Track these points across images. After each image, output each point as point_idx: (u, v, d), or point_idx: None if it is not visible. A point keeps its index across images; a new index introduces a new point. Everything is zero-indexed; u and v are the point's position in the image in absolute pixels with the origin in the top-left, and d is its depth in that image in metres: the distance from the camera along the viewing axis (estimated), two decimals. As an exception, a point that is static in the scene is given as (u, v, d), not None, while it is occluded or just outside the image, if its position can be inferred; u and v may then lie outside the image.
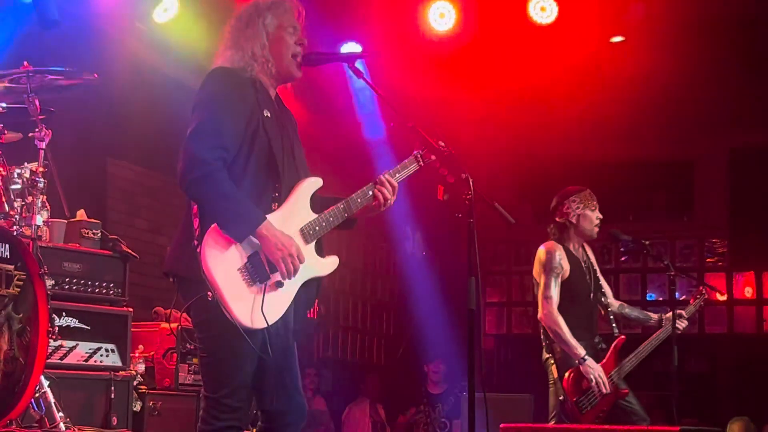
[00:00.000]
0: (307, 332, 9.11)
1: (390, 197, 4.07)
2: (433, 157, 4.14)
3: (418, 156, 4.15)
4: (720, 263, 12.14)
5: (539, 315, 6.07)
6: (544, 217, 6.46)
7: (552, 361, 6.05)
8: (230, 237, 3.68)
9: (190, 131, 3.75)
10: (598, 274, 6.35)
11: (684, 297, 6.59)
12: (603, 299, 6.31)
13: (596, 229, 6.28)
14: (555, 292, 6.05)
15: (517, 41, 9.02)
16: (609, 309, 6.31)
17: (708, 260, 12.17)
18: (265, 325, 3.71)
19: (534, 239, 6.43)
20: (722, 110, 11.01)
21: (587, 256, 6.34)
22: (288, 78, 4.07)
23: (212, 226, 3.69)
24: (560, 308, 6.02)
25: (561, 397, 5.94)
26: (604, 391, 5.90)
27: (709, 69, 9.76)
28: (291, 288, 3.83)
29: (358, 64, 4.15)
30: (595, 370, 5.91)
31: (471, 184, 3.97)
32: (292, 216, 3.87)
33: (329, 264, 3.97)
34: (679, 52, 9.18)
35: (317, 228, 3.91)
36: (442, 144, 4.09)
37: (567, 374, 5.95)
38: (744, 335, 11.92)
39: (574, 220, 6.23)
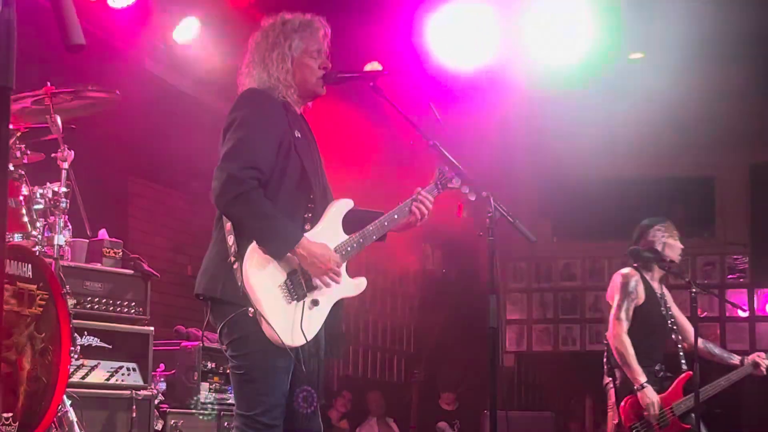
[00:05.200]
0: (341, 350, 9.14)
1: (426, 213, 4.10)
2: (454, 180, 4.17)
3: (439, 184, 4.20)
4: (741, 279, 12.05)
5: (608, 334, 6.14)
6: (564, 235, 6.46)
7: (611, 386, 6.06)
8: (269, 254, 3.72)
9: (225, 152, 3.79)
10: (672, 311, 6.36)
11: (706, 313, 6.58)
12: (675, 336, 6.31)
13: (679, 259, 6.31)
14: (626, 315, 6.12)
15: (533, 57, 9.02)
16: (680, 345, 6.32)
17: (729, 277, 12.09)
18: (304, 342, 3.77)
19: (554, 256, 6.43)
20: (742, 126, 10.96)
21: (663, 291, 6.35)
22: (313, 97, 4.14)
23: (252, 243, 3.73)
24: (629, 332, 6.07)
25: (615, 421, 5.93)
26: (652, 415, 5.88)
27: (728, 84, 9.73)
28: (325, 307, 3.89)
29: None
30: (650, 398, 5.90)
31: (492, 201, 3.97)
32: (326, 236, 3.91)
33: (359, 285, 4.04)
34: (698, 68, 9.15)
35: (349, 249, 3.95)
36: None
37: (624, 400, 5.96)
38: (767, 352, 11.77)
39: (659, 248, 6.25)
